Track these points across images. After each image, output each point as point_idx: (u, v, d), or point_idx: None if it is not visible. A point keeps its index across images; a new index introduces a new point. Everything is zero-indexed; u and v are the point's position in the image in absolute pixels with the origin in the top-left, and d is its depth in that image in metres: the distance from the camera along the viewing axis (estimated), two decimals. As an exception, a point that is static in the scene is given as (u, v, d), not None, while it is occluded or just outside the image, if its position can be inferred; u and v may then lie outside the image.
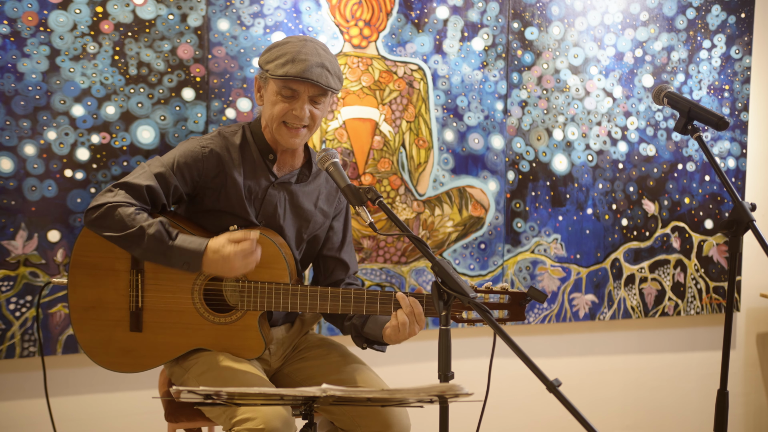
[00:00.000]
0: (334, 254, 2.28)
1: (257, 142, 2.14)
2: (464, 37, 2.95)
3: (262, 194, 2.13)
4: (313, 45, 2.06)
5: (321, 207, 2.23)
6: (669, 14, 3.22)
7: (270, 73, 2.02)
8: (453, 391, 1.47)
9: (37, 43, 2.48)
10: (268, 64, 2.04)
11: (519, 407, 3.22)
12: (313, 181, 2.21)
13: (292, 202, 2.17)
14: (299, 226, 2.19)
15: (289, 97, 2.04)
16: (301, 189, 2.19)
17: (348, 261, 2.29)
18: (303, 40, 2.06)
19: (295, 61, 2.00)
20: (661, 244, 3.29)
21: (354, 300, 2.05)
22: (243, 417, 1.88)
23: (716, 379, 2.13)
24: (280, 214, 2.15)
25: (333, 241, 2.28)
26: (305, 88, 2.03)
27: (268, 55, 2.06)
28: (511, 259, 3.08)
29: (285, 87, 2.03)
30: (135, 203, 1.99)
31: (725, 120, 1.99)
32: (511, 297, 2.01)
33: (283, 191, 2.16)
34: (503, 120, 3.03)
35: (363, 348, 2.18)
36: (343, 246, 2.29)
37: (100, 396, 2.69)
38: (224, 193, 2.09)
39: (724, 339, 2.07)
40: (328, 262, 2.28)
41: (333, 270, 2.28)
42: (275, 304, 2.06)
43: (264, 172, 2.13)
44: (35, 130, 2.50)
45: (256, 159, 2.13)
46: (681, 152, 3.29)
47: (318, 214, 2.22)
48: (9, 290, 2.51)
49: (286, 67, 2.00)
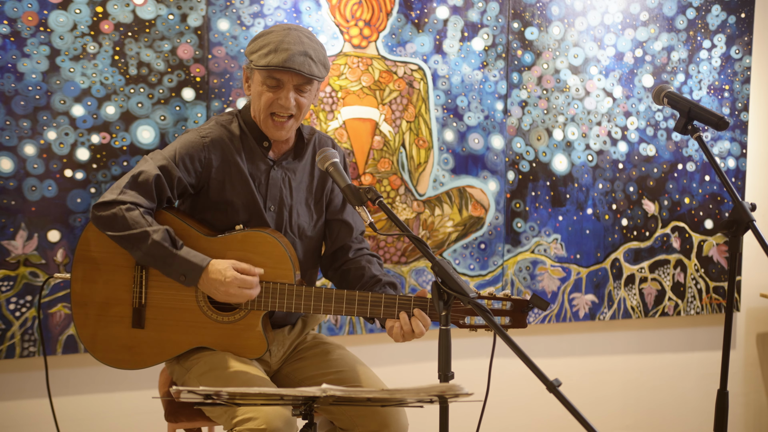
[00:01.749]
0: (336, 216, 2.27)
1: (251, 130, 2.15)
2: (464, 37, 2.95)
3: (265, 179, 2.14)
4: (297, 33, 2.06)
5: (318, 174, 2.24)
6: (669, 14, 3.22)
7: (254, 64, 2.03)
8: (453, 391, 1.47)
9: (37, 43, 2.48)
10: (253, 55, 2.05)
11: (519, 407, 3.22)
12: (306, 153, 2.22)
13: (293, 178, 2.19)
14: (306, 199, 2.21)
15: (274, 87, 2.05)
16: (298, 164, 2.20)
17: (351, 222, 2.28)
18: (287, 28, 2.06)
19: (278, 50, 2.01)
20: (661, 244, 3.29)
21: (358, 303, 2.05)
22: (245, 417, 1.88)
23: (716, 379, 2.12)
24: (286, 194, 2.16)
25: (334, 203, 2.28)
26: (289, 77, 2.04)
27: (253, 45, 2.07)
28: (511, 259, 3.08)
29: (269, 77, 2.04)
30: (142, 204, 2.00)
31: (725, 120, 1.99)
32: (514, 304, 2.01)
33: (283, 170, 2.17)
34: (503, 120, 3.03)
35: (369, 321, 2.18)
36: (345, 206, 2.28)
37: (100, 396, 2.69)
38: (229, 182, 2.10)
39: (724, 339, 2.07)
40: (332, 226, 2.28)
41: (338, 233, 2.27)
42: (279, 305, 2.06)
43: (261, 157, 2.15)
44: (35, 130, 2.50)
45: (252, 146, 2.14)
46: (681, 152, 3.29)
47: (317, 180, 2.23)
48: (9, 290, 2.51)
49: (268, 57, 2.01)
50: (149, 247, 1.96)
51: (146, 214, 1.99)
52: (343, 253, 2.27)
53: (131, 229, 1.96)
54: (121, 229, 1.97)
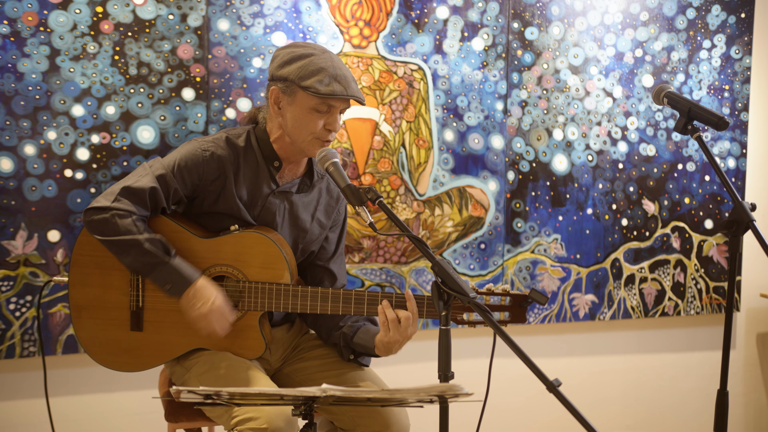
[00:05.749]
0: (323, 264, 2.27)
1: (262, 148, 2.12)
2: (464, 37, 2.95)
3: (263, 201, 2.12)
4: (337, 57, 2.08)
5: (318, 218, 2.22)
6: (669, 14, 3.22)
7: (312, 91, 1.99)
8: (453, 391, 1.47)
9: (37, 43, 2.48)
10: (305, 80, 2.00)
11: (519, 407, 3.22)
12: (312, 191, 2.21)
13: (291, 212, 2.16)
14: (296, 236, 2.19)
15: (325, 112, 2.04)
16: (300, 199, 2.18)
17: (336, 272, 2.28)
18: (325, 51, 2.07)
19: (338, 78, 2.01)
20: (661, 244, 3.29)
21: (355, 301, 2.05)
22: (246, 416, 1.88)
23: (716, 379, 2.12)
24: (278, 222, 2.14)
25: (326, 251, 2.27)
26: (341, 103, 2.05)
27: (296, 68, 2.02)
28: (511, 259, 3.08)
29: (324, 103, 2.03)
30: (135, 212, 1.99)
31: (725, 120, 1.99)
32: (512, 299, 2.01)
33: (284, 200, 2.15)
34: (503, 120, 3.03)
35: (348, 360, 2.17)
36: (334, 256, 2.28)
37: (100, 396, 2.69)
38: (223, 197, 2.08)
39: (724, 339, 2.07)
40: (317, 271, 2.27)
41: (321, 280, 2.26)
42: (276, 305, 2.06)
43: (266, 179, 2.12)
44: (35, 130, 2.50)
45: (259, 165, 2.12)
46: (681, 152, 3.29)
47: (315, 226, 2.22)
48: (9, 290, 2.51)
49: (331, 86, 2.00)
50: (138, 254, 1.96)
51: (138, 222, 1.99)
52: None
53: (122, 234, 1.96)
54: (111, 234, 1.97)
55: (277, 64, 2.06)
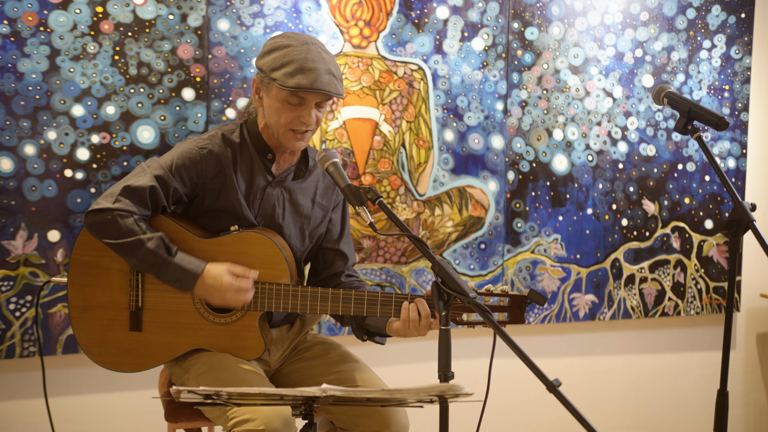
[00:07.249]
0: (333, 246, 2.28)
1: (254, 141, 2.13)
2: (464, 37, 2.95)
3: (261, 194, 2.13)
4: (317, 48, 2.03)
5: (319, 202, 2.23)
6: (669, 14, 3.22)
7: (278, 83, 1.98)
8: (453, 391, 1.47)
9: (37, 43, 2.48)
10: (274, 72, 2.00)
11: (519, 407, 3.22)
12: (309, 177, 2.21)
13: (290, 200, 2.17)
14: (301, 224, 2.20)
15: (297, 104, 2.03)
16: (298, 186, 2.19)
17: (347, 252, 2.30)
18: (305, 42, 2.03)
19: (305, 70, 1.97)
20: (661, 244, 3.29)
21: (354, 301, 2.05)
22: (243, 417, 1.88)
23: (716, 379, 2.13)
24: (278, 213, 2.15)
25: (332, 233, 2.28)
26: (313, 96, 2.02)
27: (270, 60, 2.02)
28: (511, 259, 3.08)
29: (293, 95, 2.01)
30: (136, 212, 1.99)
31: (725, 120, 1.99)
32: (511, 299, 2.01)
33: (281, 189, 2.16)
34: (503, 120, 3.03)
35: (363, 340, 2.18)
36: (342, 237, 2.29)
37: (100, 396, 2.69)
38: (224, 193, 2.09)
39: (724, 339, 2.07)
40: (327, 254, 2.28)
41: (332, 261, 2.28)
42: (275, 305, 2.06)
43: (261, 171, 2.13)
44: (35, 130, 2.50)
45: (253, 158, 2.13)
46: (681, 152, 3.29)
47: (317, 209, 2.23)
48: (9, 290, 2.51)
49: (296, 78, 1.97)
50: (143, 255, 1.97)
51: (140, 221, 1.99)
52: (334, 279, 2.28)
53: (125, 236, 1.96)
54: (115, 236, 1.97)
55: (259, 54, 2.08)
